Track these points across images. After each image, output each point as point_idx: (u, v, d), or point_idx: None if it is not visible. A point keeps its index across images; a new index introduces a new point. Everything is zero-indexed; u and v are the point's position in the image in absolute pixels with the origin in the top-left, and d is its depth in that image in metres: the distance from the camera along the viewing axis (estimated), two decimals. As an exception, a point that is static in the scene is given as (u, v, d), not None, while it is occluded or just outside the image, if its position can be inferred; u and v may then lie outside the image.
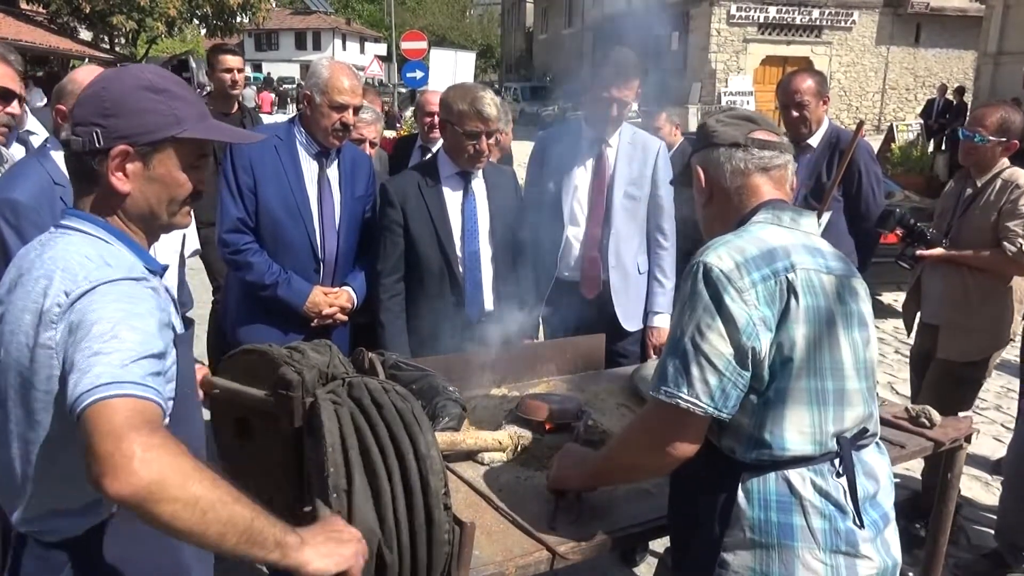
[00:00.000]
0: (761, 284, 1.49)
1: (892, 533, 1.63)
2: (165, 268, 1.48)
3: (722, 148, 1.69)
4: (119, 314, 1.22)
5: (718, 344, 1.47)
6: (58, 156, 2.36)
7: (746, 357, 1.47)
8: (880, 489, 1.63)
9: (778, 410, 1.52)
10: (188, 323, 1.55)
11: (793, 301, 1.50)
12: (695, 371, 1.47)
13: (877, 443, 1.69)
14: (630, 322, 3.26)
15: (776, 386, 1.51)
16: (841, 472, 1.55)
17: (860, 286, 1.66)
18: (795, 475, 1.53)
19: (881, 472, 1.64)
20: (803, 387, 1.52)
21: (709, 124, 1.76)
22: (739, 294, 1.48)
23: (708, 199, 1.74)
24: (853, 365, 1.58)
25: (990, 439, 4.66)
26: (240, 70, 4.70)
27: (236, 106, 4.81)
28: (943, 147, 15.53)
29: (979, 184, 3.35)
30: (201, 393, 1.76)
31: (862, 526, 1.54)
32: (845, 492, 1.55)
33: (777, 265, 1.52)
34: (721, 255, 1.52)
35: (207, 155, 1.48)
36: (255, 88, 27.68)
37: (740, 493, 1.55)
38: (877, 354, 1.69)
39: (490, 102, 2.75)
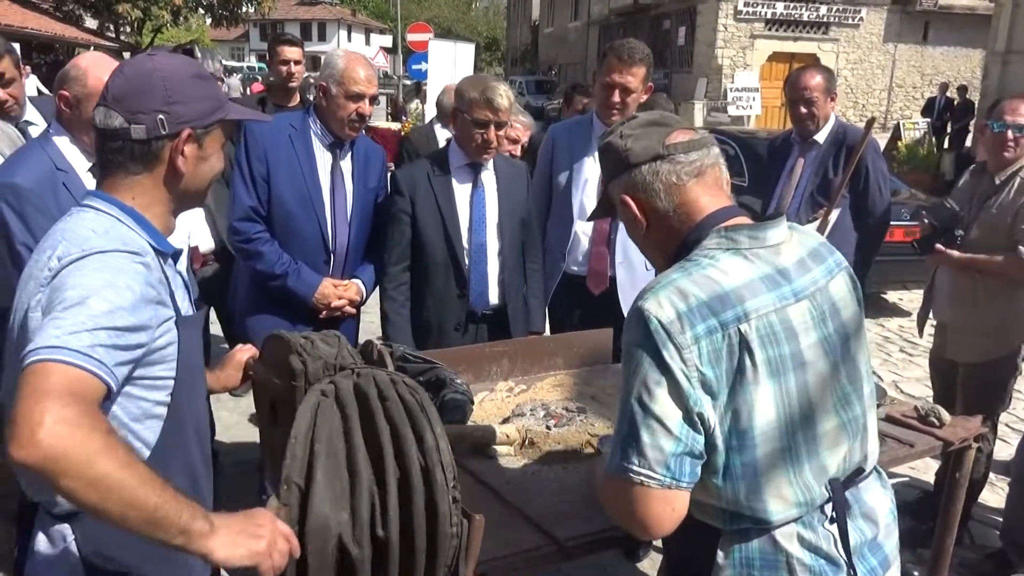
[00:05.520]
0: (705, 339, 1.28)
1: None
2: (179, 252, 1.52)
3: (644, 166, 1.44)
4: (96, 283, 1.24)
5: (667, 405, 1.27)
6: (61, 142, 2.36)
7: (696, 422, 1.28)
8: (880, 531, 1.48)
9: (751, 482, 1.33)
10: (199, 307, 1.59)
11: (747, 359, 1.29)
12: (645, 436, 1.27)
13: (877, 471, 1.54)
14: (637, 318, 3.24)
15: (741, 459, 1.32)
16: (833, 519, 1.40)
17: (840, 287, 1.46)
18: (780, 531, 1.37)
19: (881, 511, 1.49)
20: (775, 449, 1.33)
21: (615, 143, 1.49)
22: (678, 352, 1.27)
23: (646, 228, 1.48)
24: (830, 400, 1.39)
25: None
26: (298, 62, 4.56)
27: (297, 98, 4.59)
28: (947, 145, 15.49)
29: (997, 181, 3.23)
30: (240, 375, 1.86)
31: None
32: (836, 542, 1.39)
33: (726, 315, 1.30)
34: (662, 301, 1.30)
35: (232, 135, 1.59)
36: (239, 77, 26.68)
37: (719, 553, 1.40)
38: (867, 364, 1.49)
39: (502, 93, 2.73)
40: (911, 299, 7.44)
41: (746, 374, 1.30)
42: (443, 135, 4.96)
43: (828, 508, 1.40)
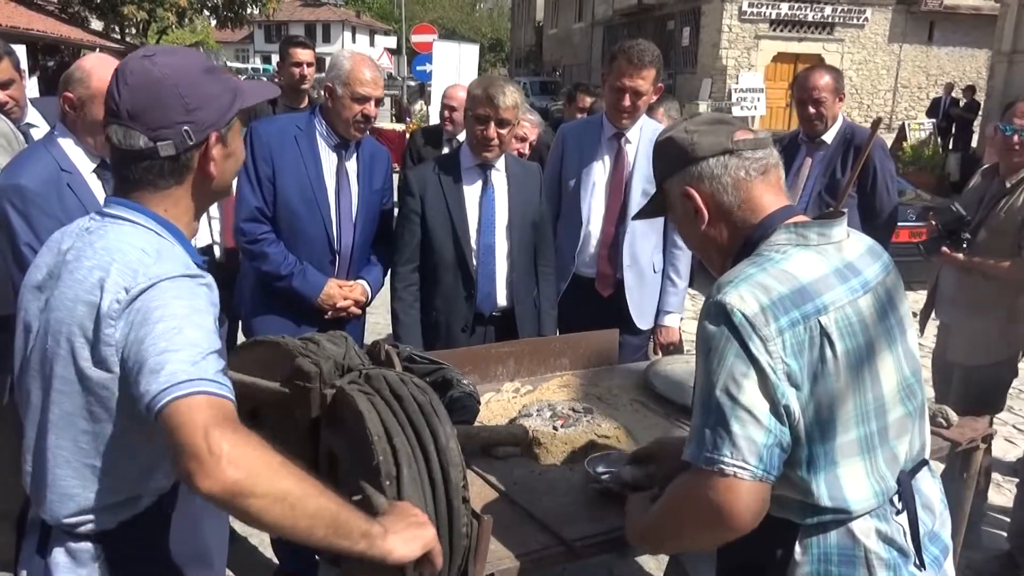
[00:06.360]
0: (789, 331, 1.29)
1: (950, 564, 1.53)
2: (205, 261, 1.48)
3: (711, 159, 1.45)
4: (183, 310, 1.22)
5: (756, 396, 1.27)
6: (65, 143, 2.36)
7: (782, 415, 1.29)
8: (936, 519, 1.50)
9: (831, 473, 1.35)
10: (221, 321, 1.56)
11: (828, 350, 1.32)
12: (736, 427, 1.26)
13: (926, 463, 1.54)
14: (644, 321, 3.25)
15: (824, 450, 1.34)
16: (901, 509, 1.42)
17: (893, 277, 1.51)
18: (858, 525, 1.38)
19: (936, 500, 1.51)
20: (853, 439, 1.36)
21: (678, 138, 1.49)
22: (763, 344, 1.28)
23: (707, 223, 1.49)
24: (897, 390, 1.42)
25: (1001, 440, 4.63)
26: (310, 64, 4.64)
27: (306, 100, 4.67)
28: (951, 146, 15.46)
29: (1008, 185, 3.20)
30: None
31: (923, 566, 1.42)
32: (905, 533, 1.41)
33: (807, 308, 1.32)
34: (744, 295, 1.31)
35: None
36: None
37: (797, 548, 1.40)
38: (918, 355, 1.52)
39: (506, 91, 2.73)
40: (915, 300, 7.38)
41: (827, 365, 1.32)
42: None
43: (896, 499, 1.42)
